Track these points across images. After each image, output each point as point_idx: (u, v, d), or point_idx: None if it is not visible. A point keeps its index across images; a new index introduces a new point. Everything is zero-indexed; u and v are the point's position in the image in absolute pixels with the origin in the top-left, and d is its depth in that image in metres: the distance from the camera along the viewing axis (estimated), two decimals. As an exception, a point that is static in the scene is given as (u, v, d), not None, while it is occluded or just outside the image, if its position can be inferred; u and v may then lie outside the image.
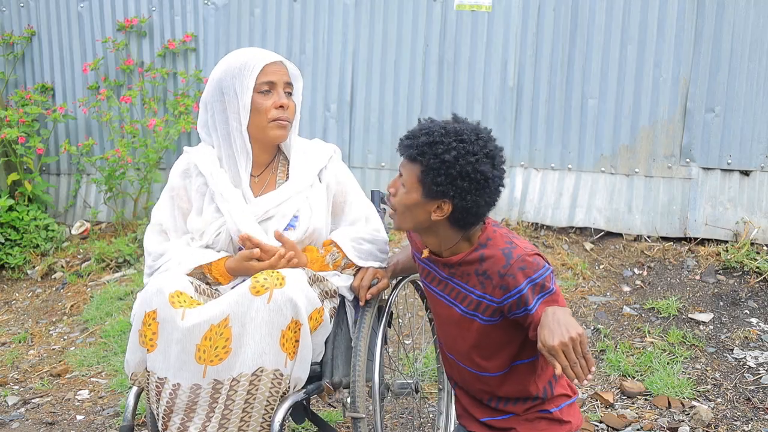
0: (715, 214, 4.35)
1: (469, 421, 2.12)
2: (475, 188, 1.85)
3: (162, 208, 2.34)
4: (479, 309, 1.94)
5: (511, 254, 1.87)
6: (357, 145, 4.80)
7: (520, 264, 1.86)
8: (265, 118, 2.22)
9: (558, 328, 1.71)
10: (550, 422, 2.02)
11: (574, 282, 4.06)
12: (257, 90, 2.21)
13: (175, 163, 2.37)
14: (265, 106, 2.21)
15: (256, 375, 1.99)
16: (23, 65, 5.44)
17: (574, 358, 1.69)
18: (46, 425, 3.22)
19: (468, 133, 1.86)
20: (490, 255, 1.91)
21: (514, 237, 1.95)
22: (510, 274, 1.86)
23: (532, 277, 1.85)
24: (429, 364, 3.14)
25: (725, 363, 3.39)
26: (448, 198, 1.86)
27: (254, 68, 2.20)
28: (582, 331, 1.71)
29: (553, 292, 1.86)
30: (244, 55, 2.25)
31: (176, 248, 2.26)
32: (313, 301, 2.10)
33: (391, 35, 4.68)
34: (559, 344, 1.68)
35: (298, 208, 2.25)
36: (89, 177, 5.24)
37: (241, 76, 2.20)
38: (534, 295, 1.84)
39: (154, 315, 2.05)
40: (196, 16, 4.98)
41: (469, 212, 1.88)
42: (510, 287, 1.86)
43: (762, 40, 4.25)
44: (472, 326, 1.97)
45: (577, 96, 4.48)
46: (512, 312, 1.88)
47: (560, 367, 1.69)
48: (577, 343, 1.69)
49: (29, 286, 4.78)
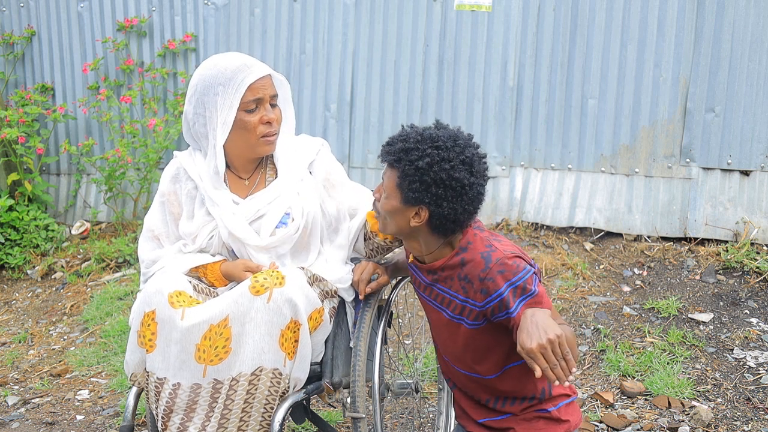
0: (715, 214, 4.35)
1: (468, 421, 2.12)
2: (451, 195, 1.84)
3: (153, 214, 2.34)
4: (464, 313, 1.94)
5: (490, 258, 1.86)
6: (357, 145, 4.80)
7: (498, 267, 1.84)
8: (253, 135, 2.18)
9: (536, 331, 1.68)
10: (548, 421, 2.01)
11: (574, 282, 4.06)
12: (243, 108, 2.16)
13: (165, 169, 2.36)
14: (252, 123, 2.17)
15: (256, 374, 2.00)
16: (23, 65, 5.44)
17: (553, 360, 1.66)
18: (46, 425, 3.22)
19: (444, 140, 1.85)
20: (470, 259, 1.90)
21: (495, 240, 1.94)
22: (489, 278, 1.85)
23: (511, 280, 1.83)
24: (429, 364, 3.14)
25: (725, 363, 3.39)
26: (424, 204, 1.86)
27: (240, 86, 2.14)
28: (560, 333, 1.68)
29: (535, 294, 1.84)
30: (229, 68, 2.16)
31: (169, 255, 2.25)
32: (313, 301, 2.10)
33: (391, 35, 4.69)
34: (537, 347, 1.66)
35: (289, 204, 2.23)
36: (89, 177, 5.24)
37: (225, 94, 2.14)
38: (515, 298, 1.83)
39: (153, 315, 2.05)
40: (196, 16, 4.98)
41: (446, 219, 1.87)
42: (490, 291, 1.85)
43: (762, 40, 4.24)
44: (459, 330, 1.97)
45: (577, 96, 4.48)
46: (495, 315, 1.87)
47: (540, 370, 1.67)
48: (555, 344, 1.67)
49: (29, 286, 4.78)
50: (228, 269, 2.20)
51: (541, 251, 4.35)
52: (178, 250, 2.26)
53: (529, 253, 4.32)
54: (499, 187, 4.62)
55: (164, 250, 2.29)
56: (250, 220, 2.23)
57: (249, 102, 2.15)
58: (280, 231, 2.21)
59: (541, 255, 4.28)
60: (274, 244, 2.21)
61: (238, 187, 2.28)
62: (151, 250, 2.31)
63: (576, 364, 1.70)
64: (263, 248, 2.21)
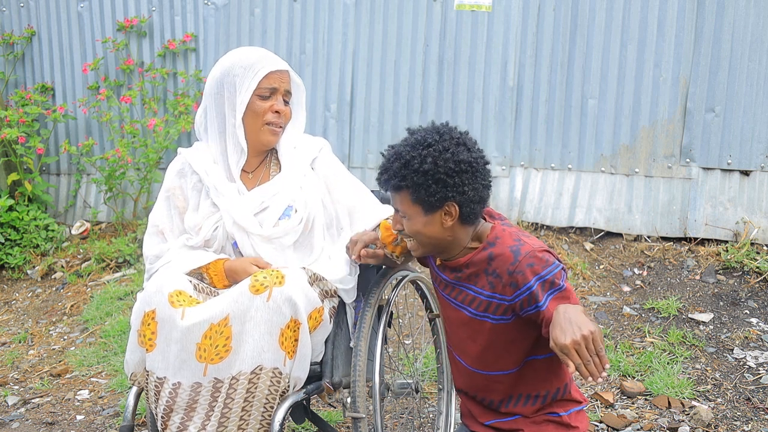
0: (715, 214, 4.35)
1: (473, 422, 2.11)
2: (467, 178, 1.87)
3: (158, 210, 2.36)
4: (489, 309, 1.94)
5: (519, 251, 1.87)
6: (357, 145, 4.80)
7: (528, 261, 1.85)
8: (260, 120, 2.26)
9: (570, 327, 1.69)
10: (558, 426, 2.00)
11: (574, 282, 4.06)
12: (257, 93, 2.25)
13: (170, 165, 2.40)
14: (263, 108, 2.26)
15: (255, 373, 2.00)
16: (23, 65, 5.44)
17: (587, 356, 1.67)
18: (46, 425, 3.22)
19: (429, 136, 1.88)
20: (499, 253, 1.90)
21: (523, 235, 1.95)
22: (519, 271, 1.85)
23: (540, 274, 1.84)
24: (429, 364, 3.14)
25: (725, 363, 3.39)
26: (449, 200, 1.87)
27: (259, 72, 2.25)
28: (595, 329, 1.69)
29: (563, 289, 1.85)
30: (251, 56, 2.28)
31: (173, 251, 2.26)
32: (313, 300, 2.10)
33: (391, 35, 4.68)
34: (571, 342, 1.67)
35: (293, 198, 2.28)
36: (89, 177, 5.24)
37: (244, 76, 2.24)
38: (544, 292, 1.84)
39: (153, 315, 2.05)
40: (196, 16, 4.98)
41: (474, 201, 1.89)
42: (519, 284, 1.85)
43: (762, 40, 4.24)
44: (483, 327, 1.97)
45: (577, 96, 4.48)
46: (524, 309, 1.88)
47: (573, 366, 1.67)
48: (589, 341, 1.68)
49: (29, 286, 4.78)
50: (233, 265, 2.20)
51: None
52: (182, 243, 2.27)
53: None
54: (499, 187, 4.62)
55: (168, 244, 2.30)
56: (255, 212, 2.26)
57: (264, 89, 2.25)
58: (283, 222, 2.24)
59: (541, 255, 4.28)
60: (278, 235, 2.23)
61: (243, 180, 2.33)
62: (156, 245, 2.32)
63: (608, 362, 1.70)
64: (266, 238, 2.23)
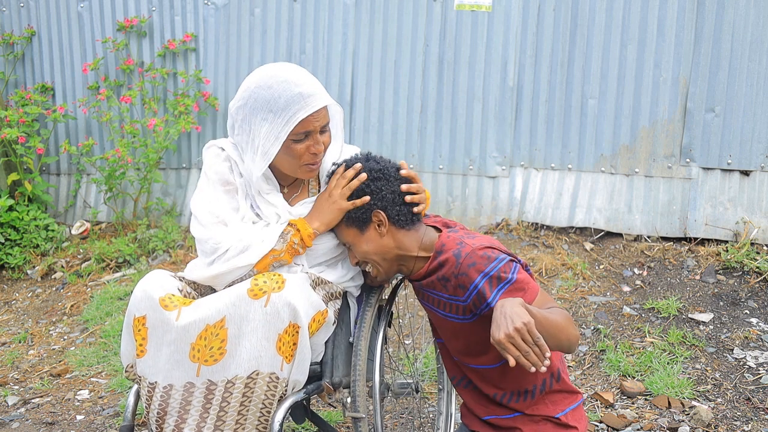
0: (715, 214, 4.35)
1: (472, 420, 2.12)
2: (383, 184, 2.02)
3: (212, 199, 2.18)
4: (452, 310, 2.01)
5: (460, 253, 1.93)
6: (357, 145, 4.77)
7: (468, 261, 1.90)
8: (297, 162, 2.13)
9: (504, 321, 1.68)
10: (557, 426, 2.01)
11: (574, 282, 4.06)
12: (291, 138, 2.08)
13: (210, 152, 2.24)
14: (299, 151, 2.11)
15: (252, 378, 1.99)
16: (23, 65, 5.44)
17: (525, 347, 1.65)
18: (46, 425, 3.22)
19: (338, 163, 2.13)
20: (445, 259, 1.97)
21: (467, 237, 1.99)
22: (462, 273, 1.91)
23: (484, 271, 1.87)
24: (429, 364, 3.14)
25: (725, 363, 3.39)
26: (373, 209, 2.02)
27: (291, 120, 2.05)
28: (528, 320, 1.66)
29: (513, 281, 1.86)
30: (284, 95, 2.05)
31: (245, 228, 2.16)
32: (316, 304, 2.09)
33: (391, 35, 4.68)
34: (504, 337, 1.65)
35: None
36: (89, 177, 5.24)
37: (273, 122, 2.06)
38: (492, 288, 1.86)
39: (144, 320, 2.04)
40: (196, 16, 4.98)
41: (397, 203, 2.02)
42: (467, 285, 1.90)
43: (762, 40, 4.24)
44: (455, 327, 2.04)
45: (577, 96, 4.48)
46: (479, 308, 1.92)
47: (513, 359, 1.66)
48: (524, 332, 1.65)
49: (29, 286, 4.78)
50: (313, 213, 2.15)
51: (541, 251, 4.35)
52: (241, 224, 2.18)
53: (529, 253, 4.32)
54: (499, 187, 4.62)
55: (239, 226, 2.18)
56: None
57: (298, 134, 2.09)
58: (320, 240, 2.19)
59: (541, 255, 4.28)
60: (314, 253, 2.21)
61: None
62: (223, 233, 2.15)
63: (548, 349, 1.67)
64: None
